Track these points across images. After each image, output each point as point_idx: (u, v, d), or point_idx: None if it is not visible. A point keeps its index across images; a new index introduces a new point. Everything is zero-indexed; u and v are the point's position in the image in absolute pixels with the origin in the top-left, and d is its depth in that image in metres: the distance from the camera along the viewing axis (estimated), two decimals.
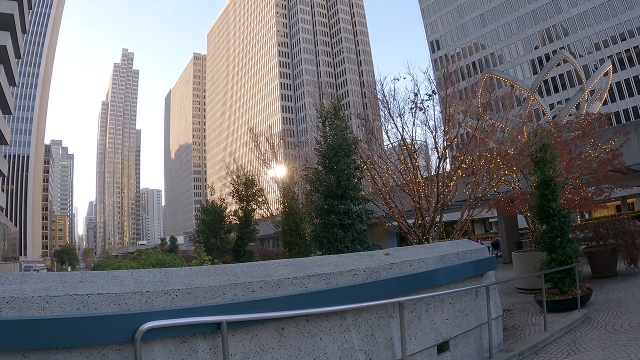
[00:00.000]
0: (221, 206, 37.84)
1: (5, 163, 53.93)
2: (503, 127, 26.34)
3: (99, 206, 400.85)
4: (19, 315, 3.91)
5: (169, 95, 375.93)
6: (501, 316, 9.77)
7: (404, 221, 23.49)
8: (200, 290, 4.85)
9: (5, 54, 47.73)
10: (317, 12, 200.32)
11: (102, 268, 25.57)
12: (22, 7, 51.86)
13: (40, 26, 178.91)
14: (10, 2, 48.47)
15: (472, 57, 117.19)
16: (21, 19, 52.29)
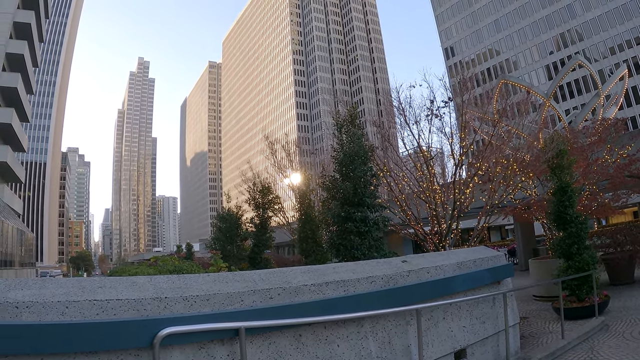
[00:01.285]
0: (237, 213, 37.82)
1: (23, 170, 54.31)
2: (519, 133, 26.26)
3: (115, 213, 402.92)
4: (38, 320, 3.94)
5: (184, 103, 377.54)
6: (518, 324, 9.72)
7: (421, 228, 23.45)
8: (219, 297, 4.86)
9: (22, 63, 48.18)
10: (331, 19, 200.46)
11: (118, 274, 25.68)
12: (39, 17, 52.38)
13: (57, 35, 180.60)
14: (27, 11, 48.99)
15: (487, 64, 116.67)
16: (38, 28, 52.79)
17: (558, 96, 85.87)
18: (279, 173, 43.23)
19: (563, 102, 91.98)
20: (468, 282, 8.12)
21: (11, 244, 33.74)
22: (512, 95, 33.52)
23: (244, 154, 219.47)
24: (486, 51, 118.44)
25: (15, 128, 46.82)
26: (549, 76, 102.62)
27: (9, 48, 45.49)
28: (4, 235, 31.23)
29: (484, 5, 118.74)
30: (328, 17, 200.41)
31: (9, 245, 32.89)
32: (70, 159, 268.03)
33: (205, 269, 18.69)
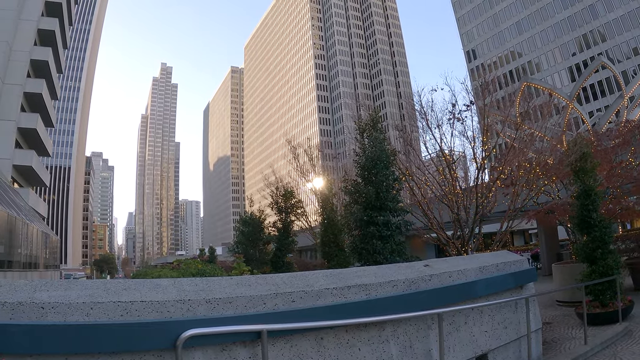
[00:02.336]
0: (260, 217, 37.89)
1: (48, 174, 54.83)
2: (542, 136, 26.09)
3: (138, 217, 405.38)
4: (64, 320, 4.01)
5: (207, 108, 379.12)
6: (541, 329, 9.64)
7: (443, 232, 23.37)
8: (242, 300, 4.89)
9: (47, 69, 48.68)
10: (353, 24, 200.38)
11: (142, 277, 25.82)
12: (62, 24, 52.91)
13: (81, 42, 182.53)
14: (51, 19, 49.53)
15: (509, 66, 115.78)
16: (62, 34, 53.33)
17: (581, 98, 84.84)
18: (301, 177, 43.31)
19: (586, 104, 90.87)
20: (490, 286, 8.08)
21: (36, 247, 34.09)
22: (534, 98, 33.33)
23: (266, 158, 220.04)
24: (508, 53, 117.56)
25: (40, 133, 47.32)
26: (571, 78, 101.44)
27: (34, 55, 46.01)
28: (29, 238, 31.56)
29: (505, 7, 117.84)
30: (349, 21, 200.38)
31: (33, 247, 33.23)
32: (94, 163, 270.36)
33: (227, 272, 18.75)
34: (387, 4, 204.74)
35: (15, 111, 42.43)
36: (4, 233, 25.35)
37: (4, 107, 41.24)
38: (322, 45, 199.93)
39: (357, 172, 23.27)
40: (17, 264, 28.13)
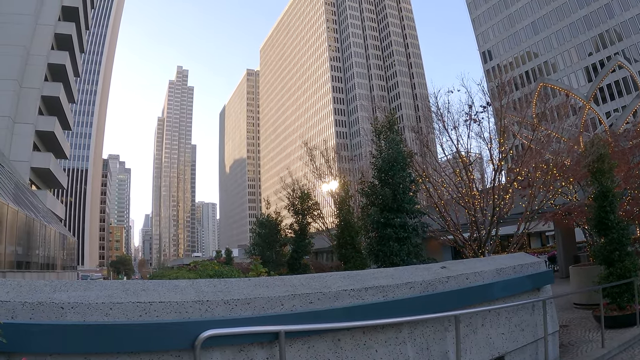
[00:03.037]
0: (276, 219, 37.96)
1: (65, 176, 55.25)
2: (559, 137, 25.95)
3: (154, 219, 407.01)
4: (83, 320, 4.05)
5: (223, 110, 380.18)
6: (558, 332, 9.59)
7: (460, 234, 23.29)
8: (260, 301, 4.92)
9: (64, 72, 49.09)
10: (368, 25, 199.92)
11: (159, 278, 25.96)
12: (79, 28, 53.34)
13: (97, 46, 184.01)
14: (67, 23, 49.94)
15: (525, 67, 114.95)
16: (79, 39, 53.78)
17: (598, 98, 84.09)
18: (318, 179, 43.30)
19: (603, 104, 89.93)
20: (507, 288, 8.04)
21: (53, 248, 34.33)
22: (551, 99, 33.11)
23: (282, 161, 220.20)
24: (524, 54, 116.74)
25: (58, 136, 47.69)
26: (588, 78, 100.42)
27: (51, 59, 46.43)
28: (47, 239, 31.79)
29: (521, 8, 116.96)
30: (364, 23, 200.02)
31: (51, 248, 33.46)
32: (111, 166, 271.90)
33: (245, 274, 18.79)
34: (402, 5, 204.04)
35: (33, 114, 42.79)
36: (22, 235, 25.55)
37: (22, 110, 41.61)
38: (338, 47, 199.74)
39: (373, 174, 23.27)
40: (35, 265, 28.36)
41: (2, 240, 21.70)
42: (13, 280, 4.40)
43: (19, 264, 24.70)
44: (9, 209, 22.27)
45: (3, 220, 21.63)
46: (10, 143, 40.14)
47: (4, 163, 31.52)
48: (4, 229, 21.81)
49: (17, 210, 23.75)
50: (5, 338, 3.36)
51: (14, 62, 41.59)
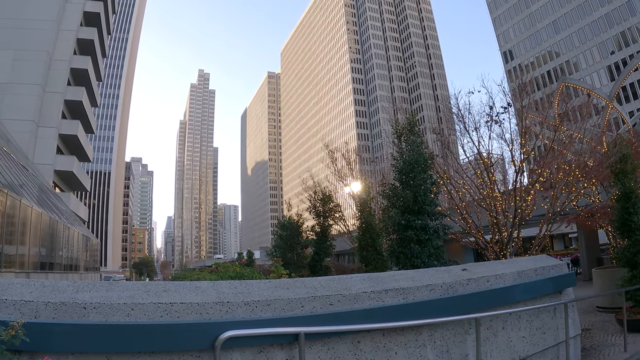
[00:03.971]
0: (298, 221, 38.04)
1: (88, 179, 55.82)
2: (581, 137, 25.73)
3: (177, 221, 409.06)
4: (105, 320, 4.11)
5: (244, 113, 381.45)
6: (580, 335, 9.51)
7: (481, 237, 23.17)
8: (280, 302, 4.94)
9: (86, 77, 49.63)
10: (388, 27, 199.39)
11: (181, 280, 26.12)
12: (101, 33, 53.88)
13: (119, 50, 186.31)
14: (89, 28, 50.52)
15: (546, 66, 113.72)
16: (101, 44, 54.33)
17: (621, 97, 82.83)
18: (339, 181, 43.31)
19: (626, 103, 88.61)
20: (528, 291, 7.98)
21: (77, 249, 34.65)
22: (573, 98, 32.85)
23: (304, 163, 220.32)
24: (545, 53, 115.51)
25: (81, 139, 48.18)
26: (611, 77, 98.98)
27: (74, 63, 46.96)
28: (70, 241, 32.10)
29: (541, 7, 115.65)
30: (384, 24, 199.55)
31: (74, 250, 33.78)
32: (134, 169, 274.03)
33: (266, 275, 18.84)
34: (422, 6, 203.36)
35: (57, 118, 43.27)
36: (46, 236, 25.82)
37: (46, 114, 42.10)
38: (358, 49, 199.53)
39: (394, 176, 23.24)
40: (58, 266, 28.64)
41: (26, 242, 21.95)
42: (36, 280, 4.46)
43: (43, 265, 24.95)
44: (33, 211, 22.51)
45: (27, 222, 21.87)
46: (34, 146, 40.62)
47: (28, 166, 31.86)
48: (28, 230, 22.05)
49: (41, 212, 24.00)
50: (28, 337, 3.41)
51: (37, 67, 42.11)
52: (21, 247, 21.44)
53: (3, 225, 18.76)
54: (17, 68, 41.21)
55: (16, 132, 36.95)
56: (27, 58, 41.55)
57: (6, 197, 18.63)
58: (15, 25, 42.27)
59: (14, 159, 27.08)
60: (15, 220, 20.30)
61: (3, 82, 40.00)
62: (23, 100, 40.20)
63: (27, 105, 40.47)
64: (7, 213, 18.98)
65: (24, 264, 21.62)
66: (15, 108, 39.45)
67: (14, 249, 20.56)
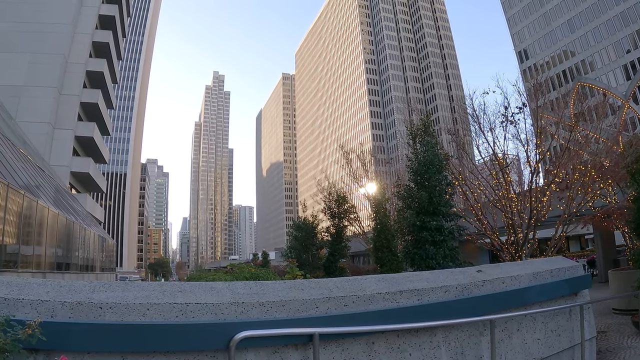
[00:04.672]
0: (313, 222, 38.08)
1: (104, 180, 56.15)
2: (597, 137, 25.58)
3: (192, 222, 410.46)
4: (121, 320, 4.14)
5: (259, 114, 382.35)
6: (595, 338, 9.43)
7: (497, 238, 23.09)
8: (294, 303, 4.94)
9: (102, 79, 50.02)
10: (402, 27, 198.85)
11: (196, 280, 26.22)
12: (116, 36, 54.30)
13: (134, 53, 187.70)
14: (105, 31, 50.96)
15: (561, 66, 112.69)
16: (116, 46, 54.76)
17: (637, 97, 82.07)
18: (354, 182, 43.34)
19: None
20: (544, 293, 7.93)
21: (93, 250, 34.90)
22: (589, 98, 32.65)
23: (319, 164, 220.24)
24: (560, 53, 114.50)
25: (97, 141, 48.51)
26: (627, 76, 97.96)
27: (89, 66, 47.39)
28: (86, 242, 32.33)
29: (556, 5, 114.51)
30: (398, 25, 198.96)
31: (90, 250, 34.03)
32: (150, 170, 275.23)
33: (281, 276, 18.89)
34: (436, 7, 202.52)
35: (73, 120, 43.61)
36: (62, 237, 26.02)
37: (62, 116, 42.46)
38: (372, 49, 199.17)
39: (409, 177, 23.25)
40: (74, 266, 28.86)
41: (42, 242, 22.11)
42: (53, 280, 4.50)
43: (59, 265, 25.14)
44: (50, 212, 22.68)
45: (44, 222, 22.04)
46: (51, 148, 40.94)
47: (44, 167, 32.10)
48: (44, 231, 22.23)
49: (57, 213, 24.17)
50: (44, 336, 3.45)
51: (53, 70, 42.49)
52: (38, 248, 21.61)
53: (20, 226, 18.92)
54: (33, 71, 41.59)
55: (33, 134, 37.25)
56: (43, 61, 41.93)
57: (23, 198, 18.78)
58: (31, 29, 42.71)
59: (30, 161, 27.29)
60: (32, 221, 20.47)
61: (19, 85, 40.38)
62: (39, 102, 40.55)
63: (44, 107, 40.81)
64: (24, 214, 19.15)
65: (41, 264, 21.79)
66: (32, 110, 39.80)
67: (30, 249, 20.73)
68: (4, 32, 42.20)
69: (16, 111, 38.17)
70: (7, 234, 17.42)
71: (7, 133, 25.57)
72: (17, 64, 41.29)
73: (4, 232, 16.95)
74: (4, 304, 3.93)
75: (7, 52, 41.55)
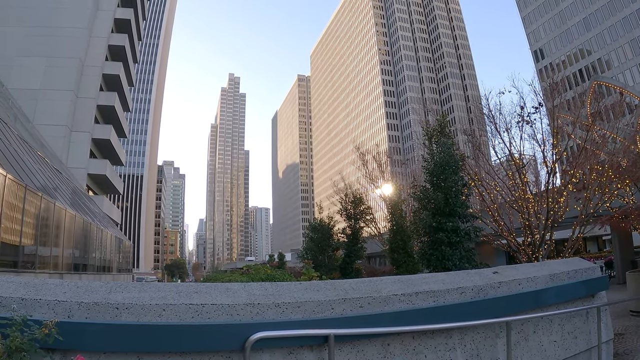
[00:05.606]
0: (329, 224, 38.09)
1: (121, 182, 56.49)
2: (614, 137, 25.40)
3: (208, 223, 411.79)
4: (137, 321, 4.16)
5: (275, 116, 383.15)
6: (612, 340, 9.36)
7: (513, 239, 22.98)
8: (310, 304, 4.94)
9: (118, 82, 50.49)
10: (417, 28, 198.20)
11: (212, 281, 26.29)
12: (132, 39, 54.76)
13: (150, 56, 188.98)
14: (120, 35, 51.46)
15: (578, 65, 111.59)
16: (132, 49, 55.22)
17: None
18: (370, 183, 43.34)
19: None
20: (560, 295, 7.86)
21: (109, 251, 35.14)
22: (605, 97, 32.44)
23: (335, 165, 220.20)
24: (577, 51, 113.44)
25: (113, 143, 48.89)
26: None
27: (105, 69, 47.87)
28: (103, 243, 32.56)
29: (572, 4, 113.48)
30: (413, 25, 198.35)
31: (107, 251, 34.26)
32: (166, 172, 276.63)
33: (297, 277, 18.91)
34: (451, 6, 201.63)
35: (89, 123, 44.01)
36: (80, 238, 26.21)
37: (79, 119, 42.89)
38: (387, 50, 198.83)
39: (425, 178, 23.21)
40: (91, 267, 29.08)
41: (59, 244, 22.28)
42: (70, 281, 4.53)
43: (76, 266, 25.33)
44: (67, 214, 22.84)
45: (61, 224, 22.21)
46: (68, 151, 41.32)
47: (61, 170, 32.34)
48: (61, 232, 22.40)
49: (75, 215, 24.34)
50: (61, 336, 3.48)
51: (69, 74, 42.93)
52: (55, 249, 21.78)
53: (37, 227, 19.07)
54: (49, 74, 42.01)
55: (50, 136, 37.59)
56: (59, 65, 42.35)
57: (40, 200, 18.93)
58: (47, 33, 43.16)
59: (47, 163, 27.50)
60: (49, 223, 20.62)
61: (36, 89, 40.82)
62: (56, 105, 40.94)
63: (61, 110, 41.21)
64: (41, 215, 19.30)
65: (58, 265, 21.95)
66: (49, 113, 40.21)
67: (48, 250, 20.89)
68: (21, 37, 42.71)
69: (34, 114, 38.55)
70: (24, 235, 17.57)
71: (24, 136, 25.79)
72: (34, 67, 41.74)
73: (22, 233, 17.12)
74: (21, 304, 3.96)
75: (25, 56, 42.04)
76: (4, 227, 15.31)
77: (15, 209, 16.37)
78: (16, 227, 16.60)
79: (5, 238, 15.60)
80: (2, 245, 15.15)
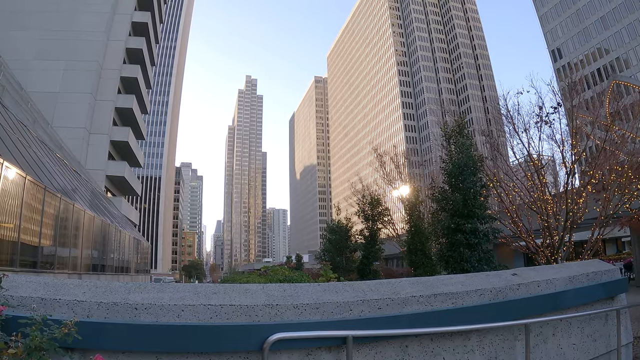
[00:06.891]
0: (347, 225, 38.07)
1: (139, 184, 56.86)
2: (634, 137, 25.22)
3: (226, 224, 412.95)
4: (155, 321, 4.18)
5: (292, 118, 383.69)
6: (632, 343, 9.27)
7: (532, 241, 22.87)
8: (328, 306, 4.92)
9: (136, 85, 50.92)
10: (434, 28, 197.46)
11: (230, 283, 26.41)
12: (149, 42, 55.17)
13: (167, 58, 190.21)
14: (138, 38, 51.91)
15: (596, 64, 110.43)
16: (149, 52, 55.65)
17: None
18: (388, 185, 43.29)
19: None
20: (580, 297, 7.80)
21: (128, 252, 35.36)
22: (624, 97, 32.20)
23: (352, 167, 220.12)
24: (595, 50, 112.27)
25: (132, 145, 49.22)
26: None
27: (123, 72, 48.29)
28: (121, 244, 32.77)
29: (589, 2, 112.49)
30: (430, 26, 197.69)
31: (125, 252, 34.48)
32: (184, 173, 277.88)
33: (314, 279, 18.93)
34: (468, 6, 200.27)
35: (108, 125, 44.36)
36: (98, 239, 26.39)
37: (97, 121, 43.28)
38: (404, 51, 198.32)
39: (444, 179, 23.14)
40: (110, 268, 29.27)
41: (78, 244, 22.43)
42: (89, 281, 4.56)
43: (95, 267, 25.50)
44: (86, 215, 23.00)
45: (80, 225, 22.37)
46: (87, 153, 41.66)
47: (80, 171, 32.55)
48: (80, 233, 22.56)
49: (93, 216, 24.50)
50: (80, 335, 3.50)
51: (88, 77, 43.36)
52: (74, 250, 21.93)
53: (56, 228, 19.22)
54: (68, 78, 42.41)
55: (69, 139, 37.86)
56: (77, 68, 42.75)
57: (59, 201, 19.07)
58: (66, 37, 43.64)
59: (66, 165, 27.70)
60: (68, 224, 20.77)
61: (55, 92, 41.22)
62: (75, 108, 41.31)
63: (79, 113, 41.58)
64: (60, 217, 19.44)
65: (77, 266, 22.11)
66: (68, 116, 40.58)
67: (66, 251, 21.03)
68: (40, 41, 43.18)
69: (52, 117, 38.84)
70: (44, 236, 17.71)
71: (43, 138, 25.99)
72: (53, 71, 42.16)
73: (41, 234, 17.25)
74: (40, 304, 3.99)
75: (44, 60, 42.46)
76: (23, 228, 15.45)
77: (35, 210, 16.51)
78: (35, 228, 16.74)
79: (24, 239, 15.73)
80: (21, 245, 15.28)
